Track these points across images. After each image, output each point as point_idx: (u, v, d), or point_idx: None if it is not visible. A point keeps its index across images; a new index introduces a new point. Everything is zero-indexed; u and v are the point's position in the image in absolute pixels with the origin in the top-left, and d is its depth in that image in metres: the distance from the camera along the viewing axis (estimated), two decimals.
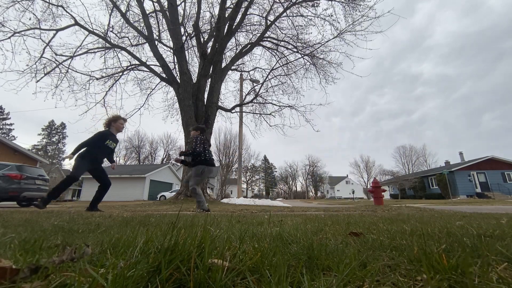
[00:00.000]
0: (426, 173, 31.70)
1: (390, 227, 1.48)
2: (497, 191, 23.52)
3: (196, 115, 9.07)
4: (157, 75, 9.91)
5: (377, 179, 10.28)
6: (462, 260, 0.55)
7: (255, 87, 11.78)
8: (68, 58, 9.28)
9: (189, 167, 4.49)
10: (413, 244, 0.84)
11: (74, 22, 8.96)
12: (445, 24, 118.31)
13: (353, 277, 0.55)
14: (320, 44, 9.91)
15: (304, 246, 0.85)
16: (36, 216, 2.39)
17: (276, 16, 9.96)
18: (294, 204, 13.24)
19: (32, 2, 8.47)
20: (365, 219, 2.13)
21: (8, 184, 7.77)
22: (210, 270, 0.53)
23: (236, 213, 3.38)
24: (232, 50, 11.93)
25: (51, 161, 39.83)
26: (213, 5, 11.00)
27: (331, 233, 1.27)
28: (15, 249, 0.84)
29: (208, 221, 1.88)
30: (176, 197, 8.51)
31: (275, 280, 0.51)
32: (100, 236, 1.22)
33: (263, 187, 75.63)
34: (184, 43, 9.84)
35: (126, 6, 9.65)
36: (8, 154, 15.66)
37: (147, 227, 1.55)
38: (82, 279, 0.45)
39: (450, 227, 1.35)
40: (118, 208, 5.66)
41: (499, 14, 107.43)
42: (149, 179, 24.92)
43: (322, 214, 3.09)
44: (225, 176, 31.05)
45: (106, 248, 0.82)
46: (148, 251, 0.65)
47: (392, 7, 8.07)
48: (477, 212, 3.09)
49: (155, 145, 52.58)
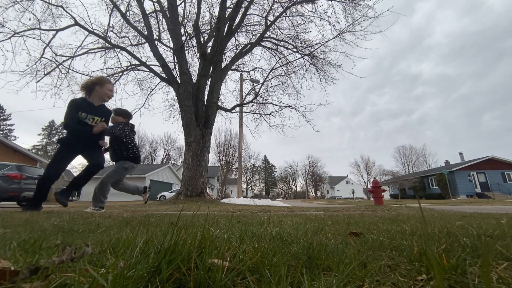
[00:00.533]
0: (426, 173, 31.72)
1: (390, 227, 1.48)
2: (497, 191, 23.53)
3: (196, 115, 9.07)
4: (157, 75, 9.91)
5: (377, 179, 10.28)
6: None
7: (255, 87, 11.79)
8: (68, 58, 9.28)
9: (112, 159, 3.86)
10: (413, 244, 0.84)
11: (74, 22, 8.96)
12: (445, 24, 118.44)
13: (353, 277, 0.55)
14: (320, 44, 9.91)
15: (304, 246, 0.85)
16: (36, 216, 2.39)
17: (276, 16, 9.95)
18: (294, 204, 13.24)
19: (32, 2, 8.47)
20: (365, 219, 2.13)
21: (8, 184, 7.77)
22: (210, 270, 0.53)
23: (236, 213, 3.38)
24: (232, 50, 11.94)
25: None
26: (213, 5, 11.00)
27: (331, 233, 1.27)
28: (15, 249, 0.84)
29: (208, 221, 1.88)
30: (176, 197, 8.51)
31: (275, 280, 0.51)
32: (100, 236, 1.22)
33: (263, 187, 75.66)
34: (184, 43, 9.84)
35: (126, 6, 9.65)
36: (8, 154, 15.66)
37: (147, 227, 1.55)
38: (82, 279, 0.45)
39: (450, 227, 1.35)
40: (118, 208, 5.66)
41: (499, 14, 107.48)
42: (149, 179, 24.94)
43: (322, 214, 3.09)
44: (225, 176, 31.06)
45: (106, 248, 0.82)
46: (148, 251, 0.65)
47: (392, 5, 8.07)
48: (477, 212, 3.09)
49: (155, 145, 52.66)
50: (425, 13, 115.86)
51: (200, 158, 8.70)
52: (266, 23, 10.17)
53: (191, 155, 8.67)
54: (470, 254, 0.72)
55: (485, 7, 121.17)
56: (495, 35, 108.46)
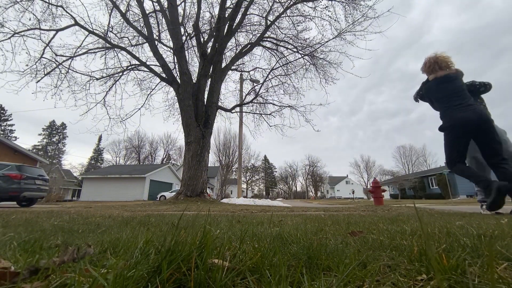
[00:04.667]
0: (426, 173, 31.71)
1: (390, 227, 1.48)
2: None
3: (196, 115, 9.07)
4: (157, 75, 9.91)
5: (377, 179, 10.28)
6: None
7: (255, 87, 11.77)
8: (68, 58, 9.28)
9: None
10: (413, 244, 0.84)
11: (74, 22, 8.96)
12: (442, 20, 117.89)
13: (353, 277, 0.55)
14: (320, 44, 9.91)
15: (304, 246, 0.85)
16: (36, 216, 2.39)
17: (276, 16, 9.95)
18: (294, 204, 13.24)
19: (32, 2, 8.47)
20: (365, 219, 2.13)
21: (8, 184, 7.78)
22: (210, 270, 0.53)
23: (236, 213, 3.38)
24: (232, 50, 11.93)
25: (51, 161, 39.82)
26: (213, 5, 11.00)
27: (331, 233, 1.27)
28: (15, 249, 0.84)
29: (208, 221, 1.88)
30: (176, 197, 8.51)
31: (275, 280, 0.51)
32: (100, 236, 1.22)
33: (263, 187, 75.67)
34: (184, 43, 9.84)
35: (126, 6, 9.64)
36: (8, 154, 15.67)
37: (147, 227, 1.56)
38: (82, 279, 0.45)
39: (450, 227, 1.35)
40: (118, 208, 5.66)
41: (498, 10, 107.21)
42: (149, 179, 24.93)
43: (322, 214, 3.09)
44: (225, 176, 31.05)
45: (106, 248, 0.82)
46: (149, 251, 0.65)
47: (392, 6, 8.07)
48: (477, 212, 3.09)
49: (155, 145, 52.66)
50: (422, 10, 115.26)
51: (200, 158, 8.70)
52: (266, 23, 10.17)
53: (191, 155, 8.67)
54: (470, 254, 0.72)
55: (484, 2, 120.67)
56: (494, 32, 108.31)
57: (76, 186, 41.15)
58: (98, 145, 59.40)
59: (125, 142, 49.06)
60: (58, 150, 53.72)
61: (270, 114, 11.16)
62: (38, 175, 9.00)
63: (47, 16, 8.79)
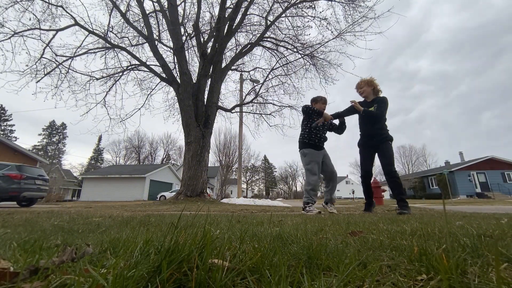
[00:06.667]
0: (426, 173, 31.73)
1: (390, 227, 1.48)
2: (497, 191, 23.52)
3: (196, 115, 9.07)
4: (157, 75, 9.91)
5: (377, 179, 10.27)
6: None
7: (255, 87, 11.78)
8: (68, 58, 9.28)
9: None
10: (413, 244, 0.84)
11: (74, 22, 8.96)
12: (442, 19, 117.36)
13: (353, 277, 0.55)
14: (320, 44, 9.90)
15: (304, 246, 0.85)
16: (36, 216, 2.39)
17: (276, 16, 9.95)
18: (294, 204, 13.23)
19: (32, 2, 8.46)
20: (365, 219, 2.13)
21: (8, 184, 7.78)
22: (210, 270, 0.53)
23: (236, 213, 3.38)
24: (232, 50, 11.92)
25: (51, 161, 39.82)
26: (213, 5, 10.99)
27: (331, 233, 1.27)
28: (15, 249, 0.84)
29: (208, 221, 1.88)
30: (176, 197, 8.51)
31: (275, 280, 0.51)
32: (100, 236, 1.22)
33: (263, 187, 75.63)
34: (184, 43, 9.84)
35: (126, 6, 9.64)
36: (8, 154, 15.67)
37: (147, 227, 1.55)
38: (82, 279, 0.45)
39: (450, 227, 1.35)
40: (118, 208, 5.66)
41: (497, 9, 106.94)
42: (149, 179, 24.93)
43: (322, 214, 3.10)
44: (225, 176, 31.03)
45: (106, 248, 0.82)
46: (149, 251, 0.65)
47: (392, 6, 8.07)
48: (477, 212, 3.09)
49: (155, 145, 52.61)
50: (421, 8, 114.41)
51: (200, 158, 8.70)
52: (266, 23, 10.17)
53: (191, 155, 8.67)
54: (470, 254, 0.72)
55: (484, 2, 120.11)
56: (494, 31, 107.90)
57: (76, 186, 41.15)
58: (98, 145, 59.38)
59: (125, 142, 49.02)
60: (58, 150, 53.71)
61: (270, 114, 11.16)
62: (38, 175, 9.00)
63: (47, 16, 8.80)
